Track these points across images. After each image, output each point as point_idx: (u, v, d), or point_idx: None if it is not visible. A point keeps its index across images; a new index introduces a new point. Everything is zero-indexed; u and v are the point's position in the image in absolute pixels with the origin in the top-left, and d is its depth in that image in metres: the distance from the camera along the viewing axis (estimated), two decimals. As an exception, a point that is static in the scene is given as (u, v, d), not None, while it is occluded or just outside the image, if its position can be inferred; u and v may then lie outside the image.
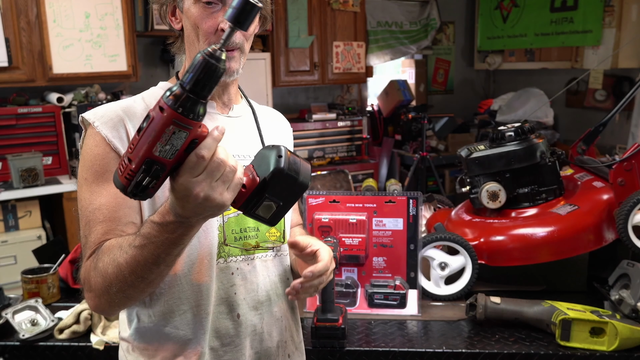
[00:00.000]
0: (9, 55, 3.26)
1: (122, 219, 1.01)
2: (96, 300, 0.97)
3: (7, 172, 3.31)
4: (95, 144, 1.03)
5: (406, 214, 1.68)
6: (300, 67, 4.40)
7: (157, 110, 0.76)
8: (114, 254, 0.93)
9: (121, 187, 0.80)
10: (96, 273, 0.95)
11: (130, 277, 0.91)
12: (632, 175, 1.74)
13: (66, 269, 1.88)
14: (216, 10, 1.03)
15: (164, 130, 0.75)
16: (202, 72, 0.76)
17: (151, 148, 0.76)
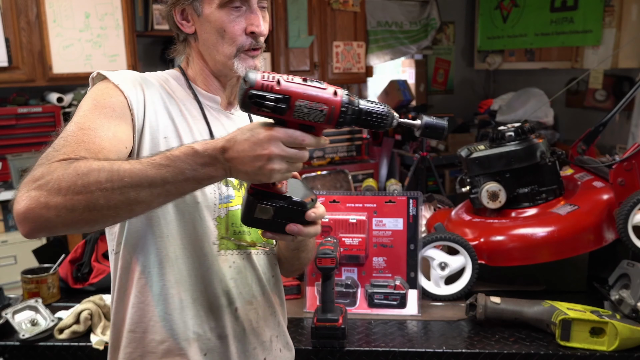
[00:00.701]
0: (9, 55, 3.26)
1: (106, 151, 0.92)
2: (44, 199, 0.81)
3: (7, 172, 3.31)
4: (107, 86, 1.03)
5: (406, 214, 1.68)
6: (300, 67, 4.41)
7: (332, 89, 0.84)
8: (114, 162, 0.85)
9: (251, 83, 0.83)
10: (70, 171, 0.82)
11: (127, 186, 0.82)
12: (632, 175, 1.74)
13: (66, 269, 1.88)
14: (242, 14, 1.07)
15: (320, 102, 0.83)
16: (378, 114, 0.86)
17: (300, 97, 0.83)
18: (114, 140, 0.96)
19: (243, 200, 0.94)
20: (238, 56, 1.09)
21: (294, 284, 1.80)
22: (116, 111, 1.00)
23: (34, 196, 0.82)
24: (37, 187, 0.82)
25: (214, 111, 1.15)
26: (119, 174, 0.82)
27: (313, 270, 1.69)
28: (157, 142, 1.04)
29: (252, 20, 1.08)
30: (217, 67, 1.12)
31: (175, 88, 1.13)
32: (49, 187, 0.81)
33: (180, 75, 1.16)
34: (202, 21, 1.09)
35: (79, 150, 0.89)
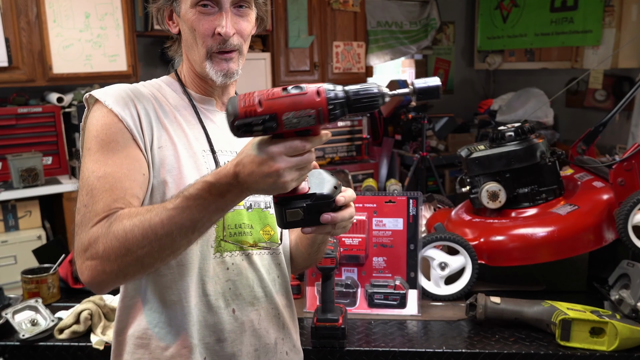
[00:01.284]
0: (9, 55, 3.26)
1: (129, 190, 0.99)
2: (101, 267, 0.92)
3: (7, 172, 3.31)
4: (103, 115, 1.02)
5: (406, 214, 1.68)
6: (300, 67, 4.41)
7: (312, 90, 0.82)
8: (142, 216, 0.91)
9: (234, 114, 0.83)
10: (110, 237, 0.91)
11: (163, 239, 0.90)
12: (632, 175, 1.74)
13: (66, 269, 1.88)
14: (212, 13, 1.06)
15: (307, 108, 0.82)
16: (366, 96, 0.84)
17: (284, 110, 0.82)
18: (131, 175, 1.00)
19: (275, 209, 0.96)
20: (209, 58, 1.08)
21: (294, 284, 1.80)
22: (120, 143, 1.01)
23: (90, 266, 0.93)
24: (90, 258, 0.93)
25: (209, 114, 1.15)
26: (151, 229, 0.90)
27: (313, 270, 1.69)
28: (153, 153, 1.05)
29: (219, 21, 1.06)
30: (196, 69, 1.12)
31: (169, 95, 1.13)
32: (99, 256, 0.92)
33: (175, 81, 1.16)
34: (181, 21, 1.10)
35: (107, 202, 0.96)
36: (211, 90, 1.16)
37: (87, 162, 1.01)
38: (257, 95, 0.83)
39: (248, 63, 4.18)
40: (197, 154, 1.09)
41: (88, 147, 1.02)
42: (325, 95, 0.82)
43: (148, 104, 1.07)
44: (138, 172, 1.01)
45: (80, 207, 0.98)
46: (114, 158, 1.00)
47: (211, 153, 1.11)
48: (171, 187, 1.04)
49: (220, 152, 1.12)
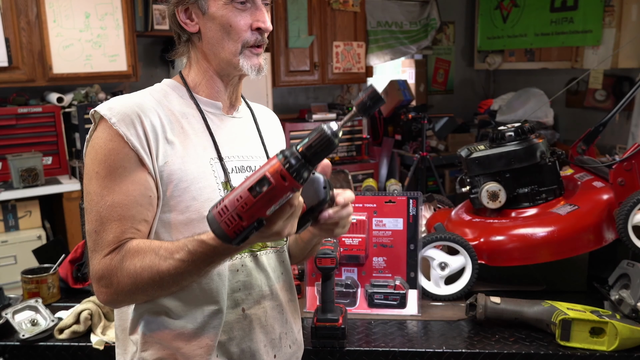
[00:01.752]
0: (9, 55, 3.26)
1: (136, 216, 1.03)
2: (114, 297, 1.01)
3: (7, 172, 3.31)
4: (110, 138, 1.03)
5: (406, 214, 1.68)
6: (300, 67, 4.41)
7: (277, 178, 0.83)
8: (151, 259, 0.97)
9: (226, 239, 0.87)
10: (124, 274, 0.99)
11: (171, 285, 0.99)
12: (632, 175, 1.74)
13: (66, 269, 1.88)
14: (247, 9, 1.09)
15: (282, 197, 0.84)
16: (320, 144, 0.84)
17: (266, 209, 0.85)
18: (139, 200, 1.03)
19: None
20: (243, 53, 1.10)
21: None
22: (127, 168, 1.03)
23: (105, 292, 1.02)
24: (105, 286, 1.01)
25: (216, 118, 1.16)
26: (158, 275, 0.97)
27: (313, 270, 1.69)
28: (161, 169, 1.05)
29: (257, 17, 1.10)
30: (221, 66, 1.13)
31: (176, 102, 1.13)
32: (113, 289, 1.01)
33: (181, 84, 1.16)
34: (206, 19, 1.10)
35: (117, 233, 1.01)
36: (221, 93, 1.17)
37: (94, 186, 1.03)
38: (231, 208, 0.85)
39: (248, 63, 4.19)
40: (205, 164, 1.10)
41: (96, 171, 1.03)
42: (289, 173, 0.83)
43: (154, 118, 1.07)
44: (145, 196, 1.04)
45: (91, 232, 1.03)
46: (122, 184, 1.02)
47: (219, 161, 1.12)
48: (181, 200, 1.06)
49: (227, 158, 1.13)
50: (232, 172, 1.13)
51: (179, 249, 0.96)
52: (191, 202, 1.06)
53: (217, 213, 0.86)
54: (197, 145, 1.10)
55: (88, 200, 1.03)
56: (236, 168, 1.14)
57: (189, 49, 1.16)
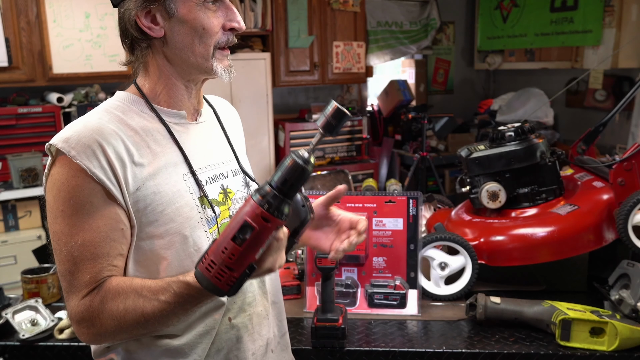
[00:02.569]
0: (9, 55, 3.26)
1: (110, 253, 0.98)
2: (97, 338, 0.99)
3: (7, 172, 3.32)
4: (72, 174, 0.96)
5: (406, 214, 1.68)
6: (300, 67, 4.41)
7: (259, 221, 0.81)
8: (134, 301, 0.94)
9: (219, 292, 0.86)
10: (106, 316, 0.95)
11: (156, 325, 0.96)
12: (632, 175, 1.73)
13: (66, 269, 1.88)
14: (216, 9, 1.03)
15: (268, 237, 0.83)
16: (293, 175, 0.82)
17: (255, 254, 0.83)
18: (111, 235, 0.98)
19: None
20: (215, 56, 1.04)
21: (294, 284, 1.80)
22: (94, 203, 0.96)
23: (87, 334, 0.98)
24: (87, 327, 0.97)
25: (181, 128, 1.09)
26: (143, 317, 0.94)
27: (313, 270, 1.69)
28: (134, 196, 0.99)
29: (230, 16, 1.04)
30: (188, 71, 1.06)
31: (136, 119, 1.04)
32: (96, 330, 0.97)
33: (139, 97, 1.07)
34: (174, 22, 1.02)
35: (93, 273, 0.97)
36: (184, 100, 1.10)
37: (61, 225, 0.97)
38: (218, 261, 0.83)
39: (248, 63, 4.21)
40: (179, 181, 1.04)
41: (61, 209, 0.97)
42: (270, 214, 0.81)
43: (117, 143, 0.98)
44: (117, 230, 0.98)
45: (64, 273, 0.98)
46: (90, 221, 0.96)
47: (192, 175, 1.06)
48: (159, 224, 1.01)
49: (199, 170, 1.08)
50: (207, 184, 1.08)
51: (163, 289, 0.93)
52: (170, 224, 1.01)
53: (205, 269, 0.84)
54: (168, 164, 1.03)
55: (56, 240, 0.98)
56: (210, 179, 1.10)
57: (149, 56, 1.06)
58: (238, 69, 1.17)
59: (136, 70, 1.11)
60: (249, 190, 1.19)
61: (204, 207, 1.05)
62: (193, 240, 1.03)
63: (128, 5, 1.02)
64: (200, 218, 1.05)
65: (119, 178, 0.97)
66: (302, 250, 1.90)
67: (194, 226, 1.03)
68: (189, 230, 1.02)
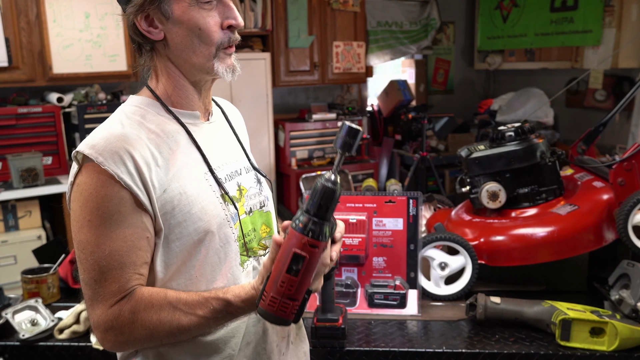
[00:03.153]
0: (9, 55, 3.26)
1: (137, 261, 0.98)
2: (123, 346, 0.99)
3: (7, 172, 3.31)
4: (101, 183, 0.95)
5: (406, 214, 1.68)
6: (300, 67, 4.41)
7: (308, 249, 0.86)
8: (169, 313, 0.96)
9: (287, 323, 0.90)
10: (138, 325, 0.96)
11: (189, 337, 0.99)
12: (632, 175, 1.74)
13: (66, 269, 1.88)
14: (213, 8, 1.02)
15: (317, 263, 0.88)
16: (327, 199, 0.87)
17: (310, 279, 0.89)
18: (137, 244, 0.98)
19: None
20: (218, 56, 1.03)
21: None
22: (122, 212, 0.96)
23: (113, 341, 0.98)
24: (115, 335, 0.97)
25: (197, 128, 1.09)
26: (178, 330, 0.97)
27: (313, 270, 1.69)
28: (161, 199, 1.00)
29: (227, 14, 1.02)
30: (192, 72, 1.06)
31: (155, 122, 1.04)
32: (125, 339, 0.97)
33: (154, 100, 1.07)
34: (172, 24, 1.01)
35: (121, 282, 0.97)
36: (195, 101, 1.10)
37: (87, 235, 0.96)
38: (279, 295, 0.88)
39: (248, 63, 4.20)
40: (201, 180, 1.05)
41: (88, 219, 0.96)
42: (315, 239, 0.86)
43: (142, 148, 0.99)
44: (143, 238, 0.99)
45: (89, 281, 0.97)
46: (118, 231, 0.96)
47: (211, 174, 1.07)
48: (187, 224, 1.01)
49: (217, 168, 1.09)
50: (225, 182, 1.09)
51: (200, 305, 0.96)
52: (198, 223, 1.01)
53: (268, 306, 0.88)
54: (189, 164, 1.04)
55: (81, 249, 0.97)
56: (227, 177, 1.11)
57: (154, 59, 1.07)
58: (238, 69, 1.16)
59: (145, 74, 1.11)
60: (260, 186, 1.21)
61: (226, 204, 1.07)
62: (219, 237, 1.05)
63: (129, 10, 1.02)
64: (225, 215, 1.06)
65: (147, 183, 0.97)
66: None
67: (220, 223, 1.05)
68: (216, 228, 1.04)
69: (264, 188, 1.22)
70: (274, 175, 4.38)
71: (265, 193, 1.22)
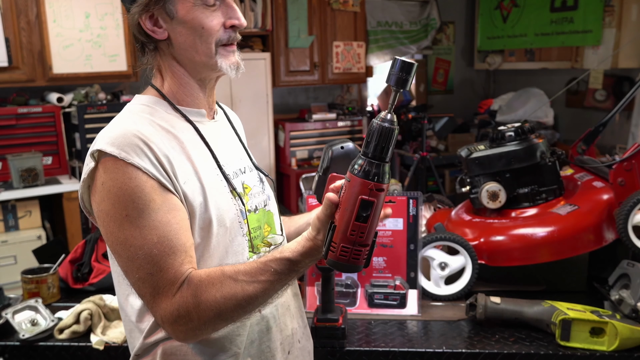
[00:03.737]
0: (9, 55, 3.26)
1: (186, 243, 0.98)
2: (196, 332, 0.97)
3: (7, 172, 3.32)
4: (128, 176, 0.95)
5: (406, 214, 1.68)
6: (300, 67, 4.41)
7: (374, 194, 0.84)
8: (231, 287, 0.95)
9: (358, 269, 0.89)
10: (204, 307, 0.94)
11: (256, 306, 0.99)
12: (632, 175, 1.74)
13: (66, 269, 1.88)
14: (216, 9, 1.04)
15: (382, 203, 0.86)
16: (385, 139, 0.84)
17: (377, 223, 0.87)
18: (181, 226, 0.98)
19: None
20: (218, 53, 1.05)
21: (294, 284, 1.80)
22: (157, 200, 0.96)
23: (185, 331, 0.97)
24: (184, 324, 0.96)
25: (204, 126, 1.11)
26: (245, 300, 0.95)
27: (313, 270, 1.69)
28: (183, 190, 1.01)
29: (230, 14, 1.05)
30: (197, 70, 1.08)
31: (165, 120, 1.06)
32: (195, 325, 0.96)
33: (161, 99, 1.09)
34: (176, 23, 1.03)
35: (176, 267, 0.96)
36: (200, 99, 1.12)
37: (129, 231, 0.95)
38: (350, 244, 0.86)
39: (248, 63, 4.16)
40: (213, 176, 1.06)
41: (125, 214, 0.95)
42: (378, 182, 0.84)
43: (158, 140, 1.00)
44: (184, 220, 0.99)
45: (145, 278, 0.96)
46: (160, 217, 0.96)
47: (220, 170, 1.08)
48: (206, 217, 1.02)
49: (225, 165, 1.10)
50: (232, 179, 1.11)
51: (261, 271, 0.95)
52: (214, 214, 1.03)
53: (340, 256, 0.87)
54: (199, 158, 1.05)
55: (127, 247, 0.96)
56: (233, 173, 1.13)
57: (157, 58, 1.09)
58: (238, 69, 1.16)
59: (149, 73, 1.13)
60: (263, 186, 1.22)
61: (236, 199, 1.09)
62: (230, 231, 1.06)
63: (133, 10, 1.03)
64: (237, 209, 1.08)
65: (168, 172, 0.99)
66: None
67: (232, 217, 1.07)
68: (229, 221, 1.06)
69: (266, 187, 1.23)
70: (274, 175, 4.38)
71: (268, 192, 1.23)
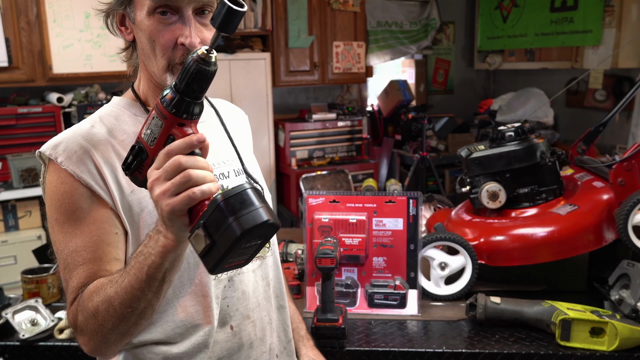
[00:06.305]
0: (9, 55, 3.26)
1: (104, 257, 0.96)
2: (91, 343, 0.94)
3: (7, 172, 3.32)
4: (61, 181, 0.96)
5: (406, 214, 1.68)
6: (300, 67, 4.41)
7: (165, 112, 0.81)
8: (106, 289, 0.90)
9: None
10: (86, 314, 0.92)
11: (120, 308, 0.88)
12: (632, 175, 1.73)
13: (66, 269, 1.88)
14: (173, 23, 0.97)
15: (151, 116, 0.82)
16: (193, 77, 0.78)
17: (141, 132, 0.84)
18: (104, 238, 0.96)
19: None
20: (170, 70, 0.99)
21: (294, 284, 1.80)
22: (84, 208, 0.96)
23: (81, 342, 0.95)
24: (78, 334, 0.95)
25: None
26: (112, 305, 0.88)
27: (313, 270, 1.69)
28: (127, 200, 0.98)
29: (182, 31, 0.96)
30: (156, 80, 1.04)
31: (130, 124, 1.04)
32: (83, 333, 0.94)
33: (135, 101, 1.08)
34: (136, 28, 1.00)
35: (81, 278, 0.94)
36: None
37: (57, 234, 0.97)
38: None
39: (248, 63, 4.21)
40: None
41: (54, 218, 0.97)
42: (159, 100, 0.80)
43: (106, 150, 0.99)
44: (110, 234, 0.97)
45: (63, 282, 0.97)
46: (82, 227, 0.95)
47: None
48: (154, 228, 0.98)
49: None
50: None
51: (124, 271, 0.89)
52: None
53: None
54: None
55: (55, 250, 0.98)
56: None
57: (133, 58, 1.08)
58: (238, 69, 1.16)
59: (134, 74, 1.13)
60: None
61: None
62: None
63: (111, 7, 1.03)
64: None
65: (108, 183, 0.97)
66: (302, 250, 1.90)
67: None
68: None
69: None
70: (274, 175, 4.38)
71: None
